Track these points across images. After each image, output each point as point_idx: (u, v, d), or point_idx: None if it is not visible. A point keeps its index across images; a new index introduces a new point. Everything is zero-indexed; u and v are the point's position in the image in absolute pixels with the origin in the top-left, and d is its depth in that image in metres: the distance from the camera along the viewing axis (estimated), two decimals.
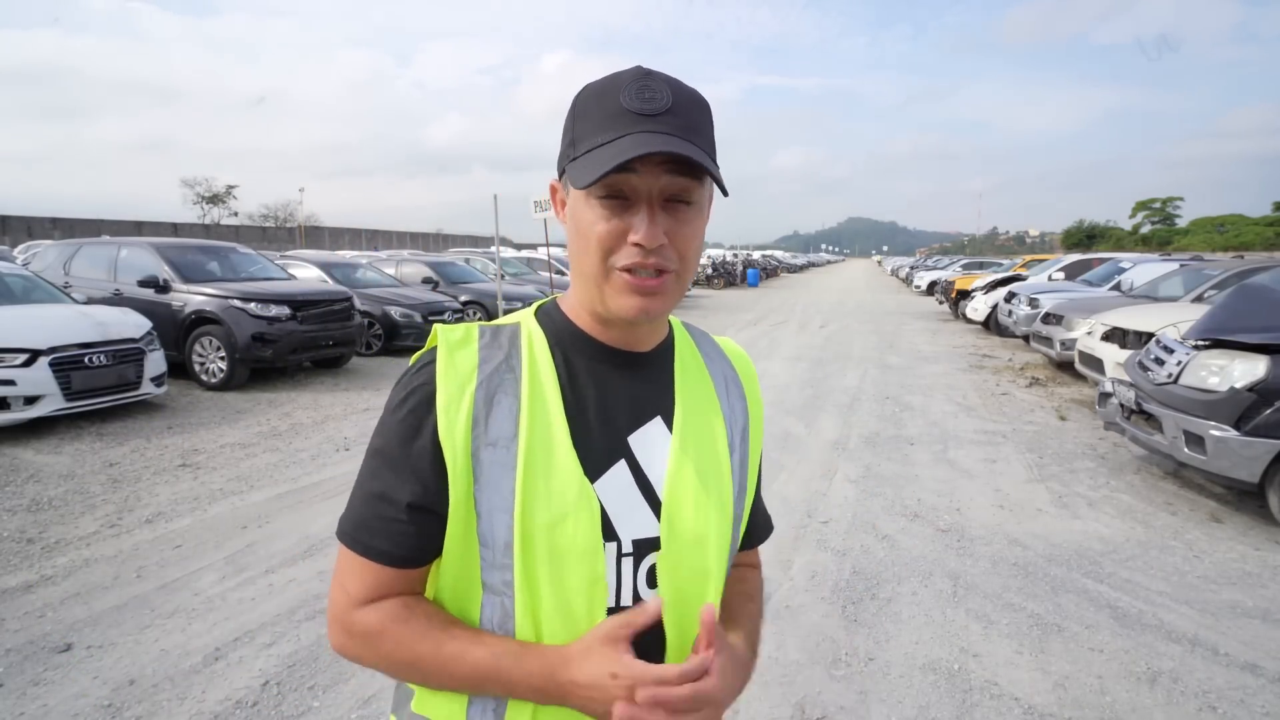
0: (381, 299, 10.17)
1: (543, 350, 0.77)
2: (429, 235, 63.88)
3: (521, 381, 0.74)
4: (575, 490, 0.71)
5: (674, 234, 0.70)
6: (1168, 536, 3.81)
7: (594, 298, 0.73)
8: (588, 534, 0.71)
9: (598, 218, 0.69)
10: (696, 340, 0.89)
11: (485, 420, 0.72)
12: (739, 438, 0.85)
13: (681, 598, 0.76)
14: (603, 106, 0.70)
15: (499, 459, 0.71)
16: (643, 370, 0.80)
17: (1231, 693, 2.46)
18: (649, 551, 0.75)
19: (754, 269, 31.42)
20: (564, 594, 0.71)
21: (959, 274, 19.87)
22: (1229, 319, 4.43)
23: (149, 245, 8.13)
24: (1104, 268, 12.26)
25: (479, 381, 0.73)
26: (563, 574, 0.71)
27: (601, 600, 0.72)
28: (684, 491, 0.76)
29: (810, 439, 5.74)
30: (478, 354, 0.75)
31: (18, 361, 5.29)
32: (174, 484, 4.45)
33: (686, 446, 0.78)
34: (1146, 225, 73.72)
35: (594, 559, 0.72)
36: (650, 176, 0.68)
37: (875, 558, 3.53)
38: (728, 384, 0.87)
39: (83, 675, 2.47)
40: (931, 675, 2.56)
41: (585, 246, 0.71)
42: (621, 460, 0.75)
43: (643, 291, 0.70)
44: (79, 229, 33.52)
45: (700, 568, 0.77)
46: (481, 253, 18.77)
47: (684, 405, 0.80)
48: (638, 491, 0.75)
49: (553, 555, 0.71)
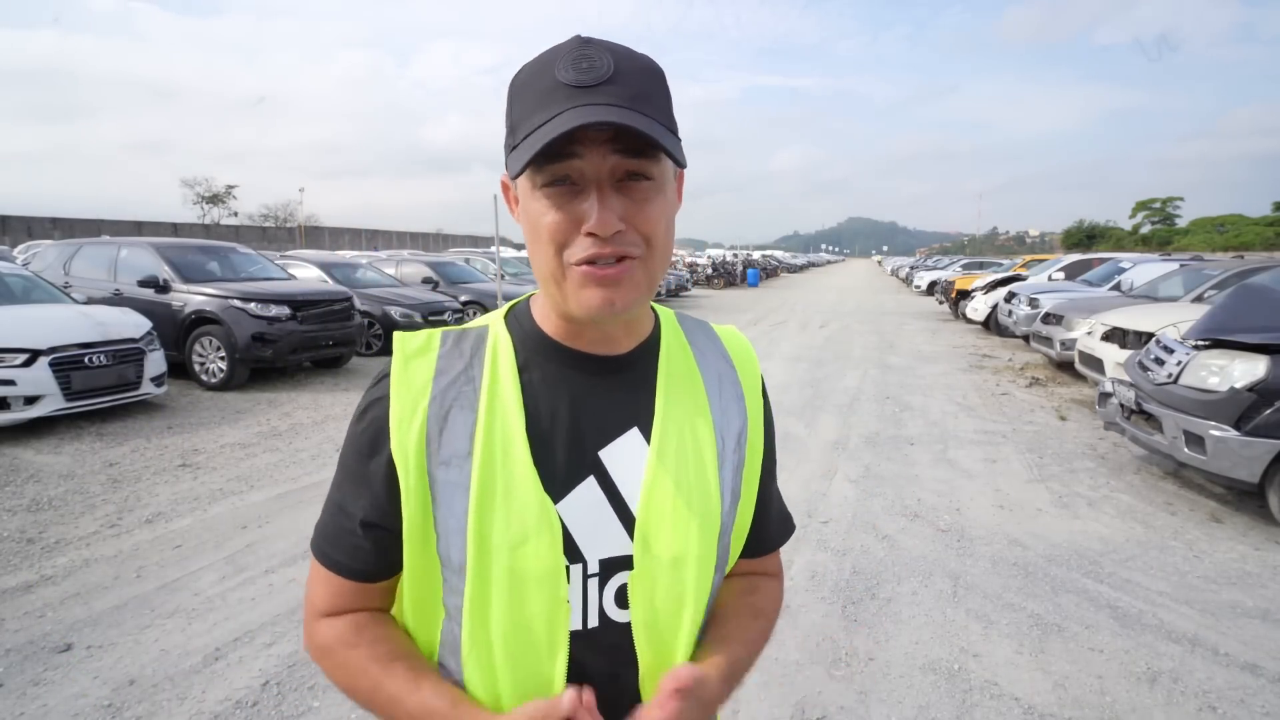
0: (381, 299, 10.17)
1: (507, 358, 0.71)
2: (429, 235, 63.91)
3: (480, 393, 0.69)
4: (535, 511, 0.67)
5: (633, 216, 0.62)
6: (1168, 536, 3.81)
7: (556, 298, 0.67)
8: (548, 557, 0.67)
9: (545, 209, 0.62)
10: (689, 333, 0.81)
11: (439, 437, 0.67)
12: (732, 444, 0.77)
13: (655, 621, 0.71)
14: (538, 84, 0.62)
15: (452, 478, 0.67)
16: (619, 375, 0.73)
17: (1231, 693, 2.46)
18: (618, 570, 0.70)
19: (754, 269, 31.41)
20: (523, 619, 0.67)
21: (959, 274, 19.87)
22: (1229, 319, 4.43)
23: (149, 245, 8.13)
24: (1104, 268, 12.26)
25: (433, 395, 0.69)
26: (522, 598, 0.67)
27: (563, 624, 0.68)
28: (660, 509, 0.70)
29: (810, 439, 5.74)
30: (435, 364, 0.70)
31: (18, 361, 5.29)
32: (174, 484, 4.45)
33: (665, 459, 0.71)
34: (1146, 225, 73.72)
35: (555, 582, 0.67)
36: (596, 156, 0.60)
37: (875, 558, 3.53)
38: (721, 381, 0.78)
39: (83, 675, 2.47)
40: (931, 675, 2.56)
41: (538, 242, 0.64)
42: (590, 477, 0.70)
43: (603, 282, 0.63)
44: (79, 229, 33.53)
45: (676, 590, 0.71)
46: (481, 253, 18.77)
47: (665, 413, 0.73)
48: (609, 508, 0.70)
49: (511, 579, 0.67)
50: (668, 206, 0.66)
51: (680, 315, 0.84)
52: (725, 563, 0.78)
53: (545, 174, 0.61)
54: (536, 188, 0.63)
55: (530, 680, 0.68)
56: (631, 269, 0.64)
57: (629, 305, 0.64)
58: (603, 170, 0.61)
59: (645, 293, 0.66)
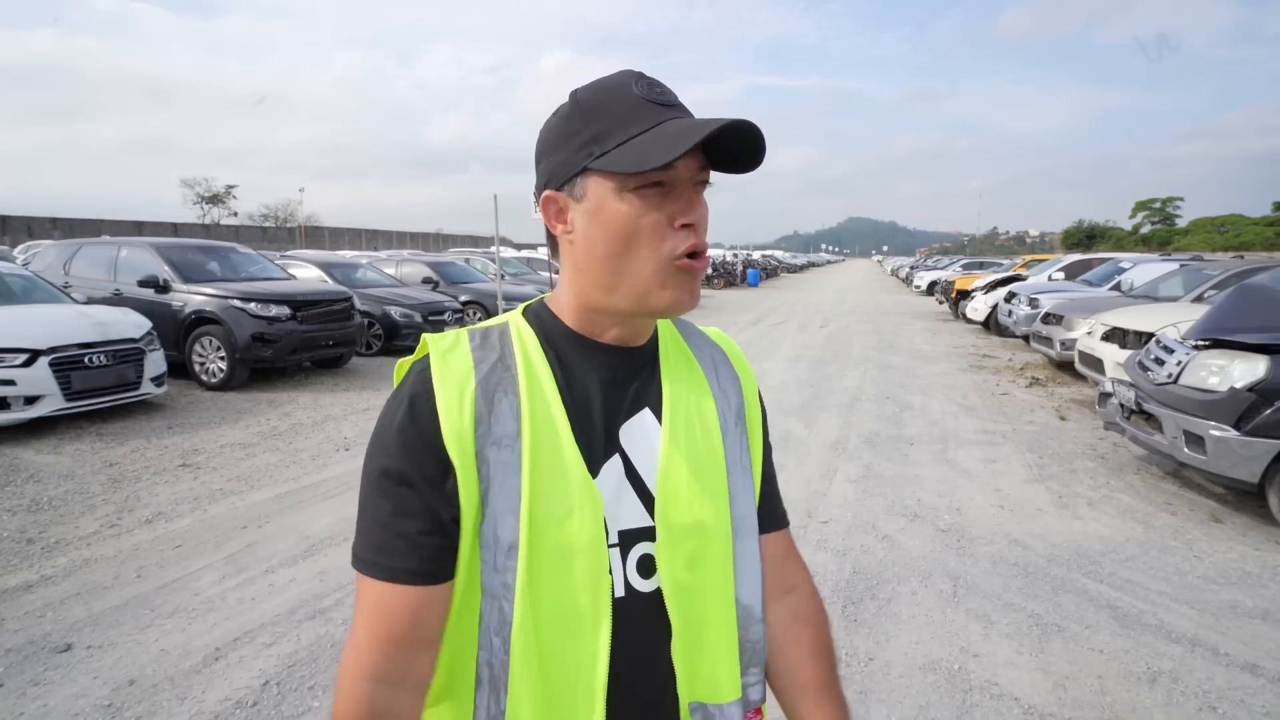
0: (381, 299, 10.18)
1: (535, 347, 0.76)
2: (429, 235, 63.90)
3: (519, 378, 0.73)
4: (580, 486, 0.71)
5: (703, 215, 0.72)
6: (1168, 536, 3.81)
7: (636, 298, 0.72)
8: (591, 529, 0.71)
9: (645, 209, 0.69)
10: (680, 328, 0.89)
11: (489, 420, 0.70)
12: (734, 418, 0.84)
13: (682, 587, 0.75)
14: (620, 98, 0.70)
15: (504, 459, 0.70)
16: (632, 364, 0.79)
17: (1231, 693, 2.46)
18: (637, 541, 0.75)
19: (754, 269, 31.41)
20: (569, 593, 0.71)
21: (959, 274, 19.87)
22: (1229, 319, 4.43)
23: (149, 245, 8.13)
24: (1104, 268, 12.26)
25: (477, 380, 0.71)
26: (569, 572, 0.70)
27: (606, 594, 0.72)
28: (677, 481, 0.76)
29: (810, 439, 5.74)
30: (471, 354, 0.73)
31: (18, 361, 5.29)
32: (174, 484, 4.45)
33: (676, 435, 0.77)
34: (1146, 225, 73.71)
35: (598, 554, 0.71)
36: (688, 163, 0.69)
37: (875, 558, 3.53)
38: (716, 366, 0.86)
39: (83, 675, 2.47)
40: (931, 675, 2.56)
41: (636, 242, 0.70)
42: (616, 454, 0.75)
43: (693, 276, 0.72)
44: (79, 229, 33.53)
45: (699, 555, 0.76)
46: (481, 253, 18.78)
47: (672, 393, 0.79)
48: (628, 484, 0.75)
49: (560, 553, 0.70)
50: None
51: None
52: (748, 532, 0.83)
53: (640, 178, 0.67)
54: (626, 190, 0.68)
55: (576, 652, 0.71)
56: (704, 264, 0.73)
57: (699, 297, 0.74)
58: (690, 178, 0.70)
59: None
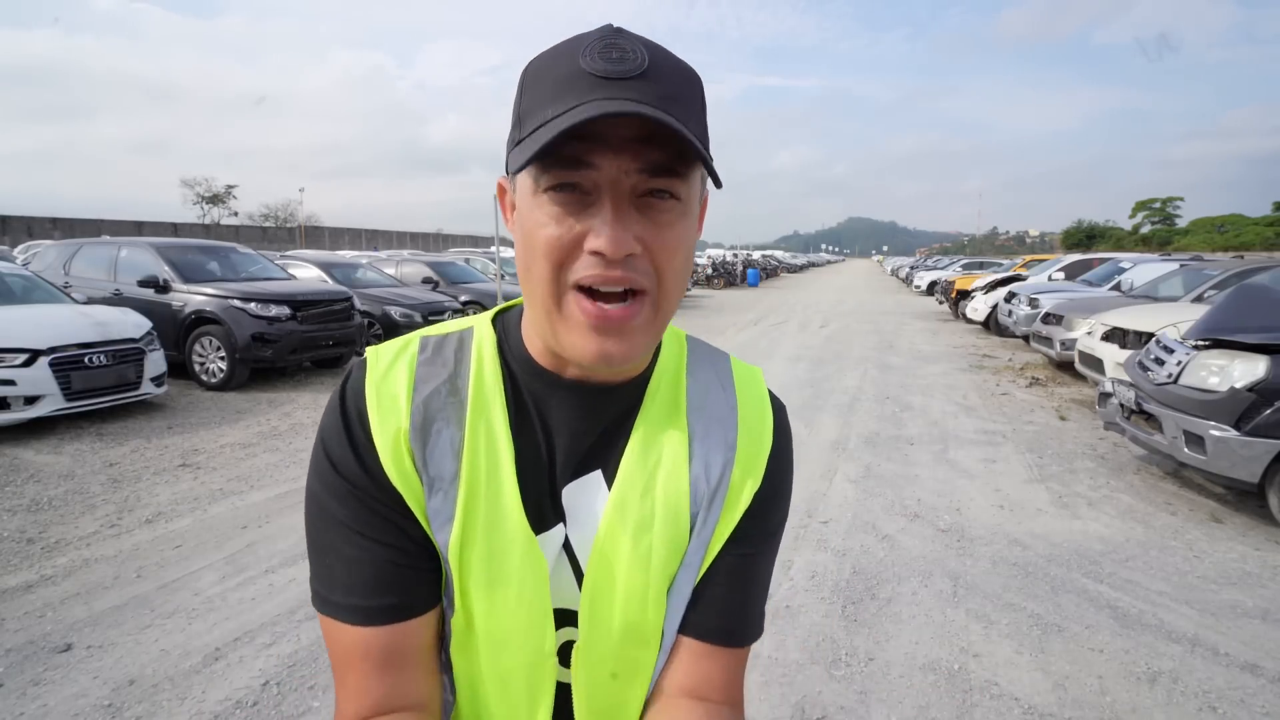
0: (381, 299, 10.17)
1: (492, 368, 0.62)
2: (429, 235, 63.90)
3: (467, 406, 0.60)
4: (520, 550, 0.59)
5: (650, 240, 0.52)
6: (1168, 536, 3.81)
7: (544, 329, 0.57)
8: (532, 605, 0.60)
9: (547, 219, 0.52)
10: (693, 368, 0.68)
11: (423, 449, 0.59)
12: (707, 499, 0.63)
13: (595, 694, 0.63)
14: (556, 71, 0.52)
15: (436, 506, 0.59)
16: (600, 409, 0.63)
17: (1231, 693, 2.46)
18: (564, 624, 0.63)
19: (754, 269, 31.41)
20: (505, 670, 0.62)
21: (959, 274, 19.88)
22: (1229, 319, 4.43)
23: (149, 245, 8.13)
24: (1104, 268, 12.26)
25: (415, 404, 0.59)
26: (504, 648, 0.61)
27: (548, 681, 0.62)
28: (611, 569, 0.61)
29: (810, 439, 5.74)
30: (415, 372, 0.61)
31: (18, 361, 5.29)
32: (174, 484, 4.45)
33: (625, 510, 0.61)
34: (1146, 225, 73.72)
35: (539, 641, 0.60)
36: (616, 163, 0.51)
37: (875, 558, 3.53)
38: (710, 425, 0.65)
39: (83, 675, 2.47)
40: (931, 675, 2.56)
41: (531, 258, 0.54)
42: (560, 521, 0.62)
43: (603, 328, 0.53)
44: (79, 229, 33.52)
45: (625, 665, 0.63)
46: (481, 253, 18.77)
47: (633, 455, 0.62)
48: (564, 556, 0.62)
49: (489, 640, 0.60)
50: (691, 233, 0.56)
51: (693, 342, 0.72)
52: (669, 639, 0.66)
53: (551, 176, 0.52)
54: (539, 191, 0.53)
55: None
56: (638, 311, 0.54)
57: (629, 358, 0.55)
58: (622, 182, 0.51)
59: (650, 340, 0.57)
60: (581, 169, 0.51)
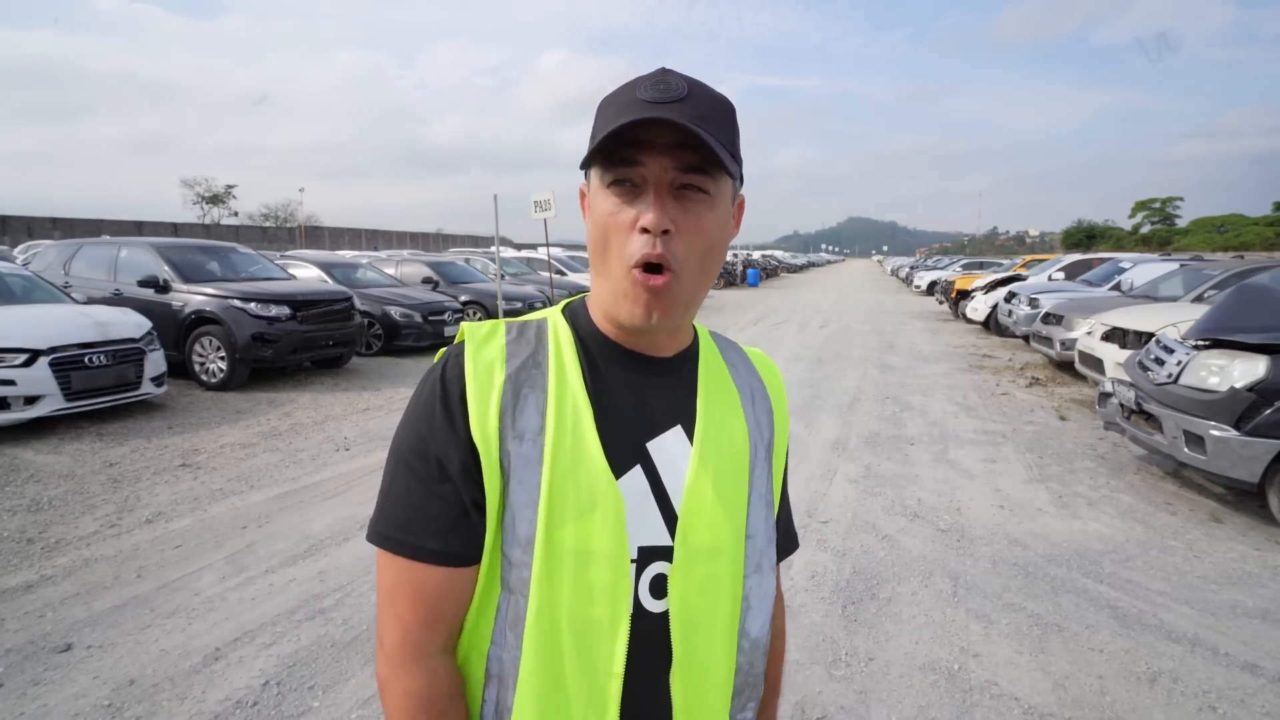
0: (381, 299, 10.17)
1: (569, 347, 0.76)
2: (429, 235, 63.91)
3: (548, 376, 0.73)
4: (603, 486, 0.70)
5: (682, 222, 0.68)
6: (1168, 536, 3.81)
7: (608, 302, 0.73)
8: (614, 533, 0.70)
9: (611, 207, 0.69)
10: (722, 349, 0.87)
11: (513, 413, 0.70)
12: (764, 450, 0.82)
13: (690, 613, 0.73)
14: (619, 100, 0.70)
15: (526, 452, 0.70)
16: (664, 376, 0.78)
17: (1231, 693, 2.46)
18: (654, 560, 0.73)
19: (754, 269, 31.40)
20: (587, 596, 0.69)
21: (959, 274, 19.88)
22: (1229, 319, 4.43)
23: (149, 245, 8.13)
24: (1104, 268, 12.26)
25: (507, 375, 0.72)
26: (587, 575, 0.69)
27: (626, 603, 0.70)
28: (701, 504, 0.74)
29: (810, 439, 5.74)
30: (505, 349, 0.74)
31: (18, 361, 5.29)
32: (174, 484, 4.45)
33: (706, 457, 0.75)
34: (1146, 225, 73.71)
35: (620, 560, 0.70)
36: (659, 162, 0.67)
37: (875, 558, 3.53)
38: (754, 396, 0.84)
39: (83, 675, 2.47)
40: (931, 675, 2.56)
41: (600, 238, 0.70)
42: (638, 466, 0.73)
43: (650, 290, 0.69)
44: (79, 229, 33.53)
45: (711, 583, 0.75)
46: (481, 253, 18.77)
47: (706, 415, 0.77)
48: (652, 499, 0.73)
49: (578, 554, 0.69)
50: (719, 224, 0.71)
51: (713, 333, 0.89)
52: (766, 568, 0.82)
53: (612, 173, 0.68)
54: (604, 185, 0.70)
55: (591, 658, 0.70)
56: (670, 284, 0.69)
57: (668, 316, 0.70)
58: (662, 178, 0.67)
59: (684, 309, 0.72)
60: (633, 167, 0.67)
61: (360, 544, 3.57)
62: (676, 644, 0.73)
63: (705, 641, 0.74)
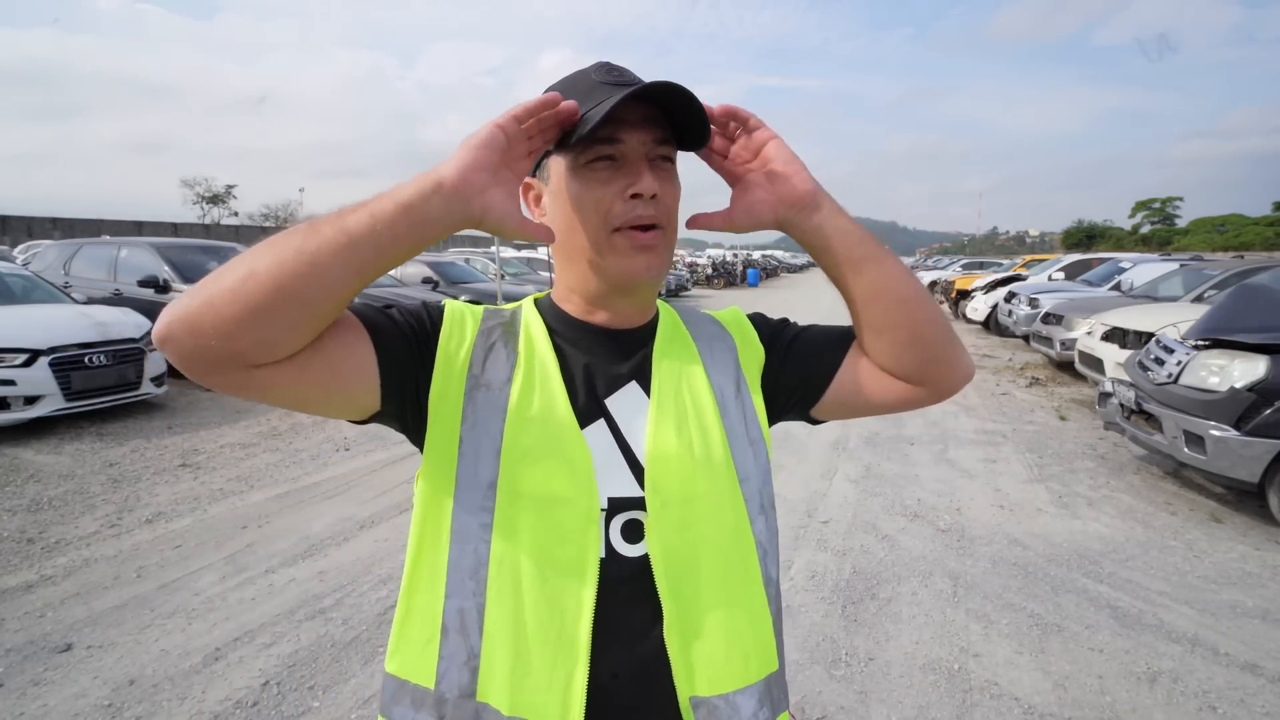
0: (381, 299, 10.18)
1: (538, 325, 0.81)
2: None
3: (519, 339, 0.79)
4: (570, 436, 0.73)
5: (662, 190, 0.73)
6: (1168, 536, 3.81)
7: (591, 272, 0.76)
8: (583, 478, 0.72)
9: (594, 182, 0.72)
10: (683, 315, 0.90)
11: (482, 363, 0.75)
12: (732, 391, 0.83)
13: (672, 558, 0.74)
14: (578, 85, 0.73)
15: (491, 400, 0.74)
16: (625, 345, 0.82)
17: (1231, 693, 2.46)
18: (625, 509, 0.74)
19: (754, 269, 31.41)
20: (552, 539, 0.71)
21: (959, 274, 19.88)
22: (1229, 319, 4.43)
23: (149, 245, 8.13)
24: (1104, 268, 12.26)
25: (480, 330, 0.78)
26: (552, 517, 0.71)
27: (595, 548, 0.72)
28: (666, 452, 0.75)
29: (810, 439, 5.74)
30: (481, 317, 0.81)
31: (18, 361, 5.29)
32: (174, 484, 4.45)
33: (664, 406, 0.78)
34: (1146, 225, 73.69)
35: (589, 505, 0.72)
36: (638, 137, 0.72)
37: (875, 558, 3.53)
38: (712, 344, 0.86)
39: (83, 675, 2.47)
40: (931, 675, 2.56)
41: (583, 217, 0.73)
42: (601, 420, 0.76)
43: (645, 246, 0.73)
44: (79, 229, 33.49)
45: (690, 527, 0.75)
46: (481, 253, 18.76)
47: (661, 368, 0.80)
48: (618, 451, 0.76)
49: (544, 498, 0.71)
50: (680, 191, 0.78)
51: (677, 305, 0.94)
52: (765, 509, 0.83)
53: (591, 153, 0.71)
54: (579, 167, 0.73)
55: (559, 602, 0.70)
56: (659, 238, 0.74)
57: (660, 271, 0.75)
58: (640, 151, 0.72)
59: (665, 264, 0.76)
60: (615, 144, 0.71)
61: (360, 544, 3.57)
62: (665, 596, 0.73)
63: (694, 590, 0.74)
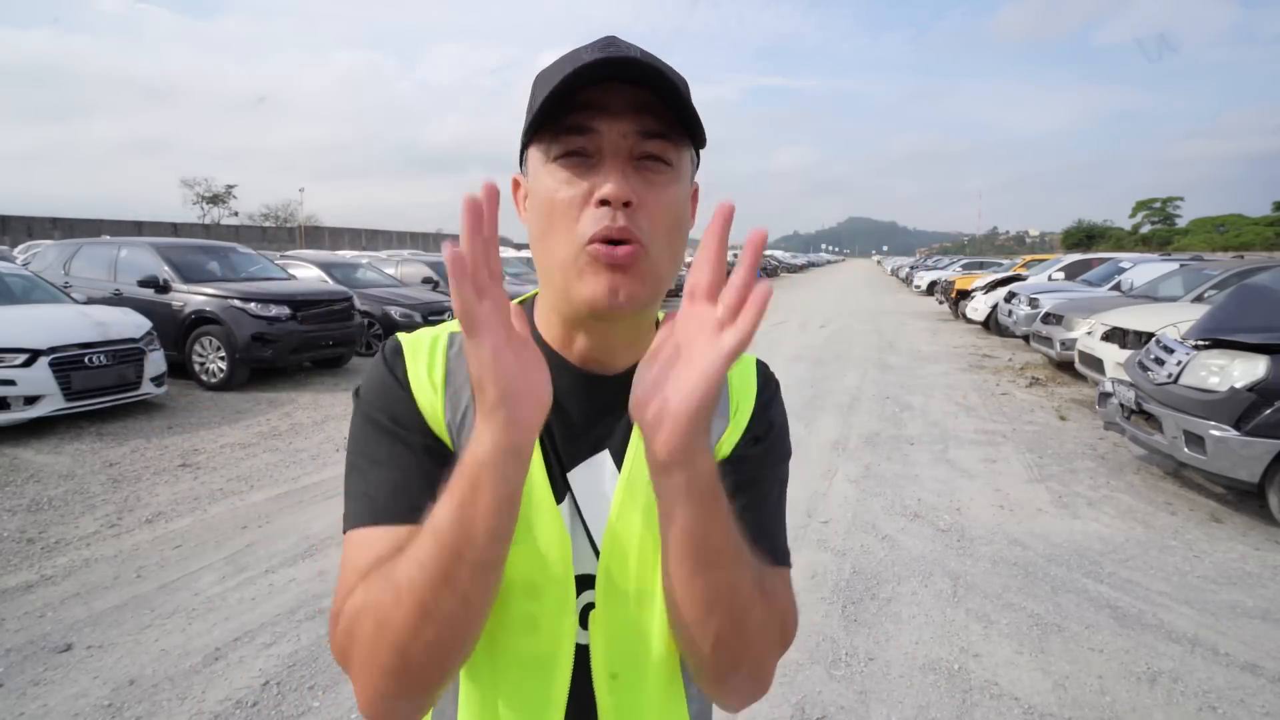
0: (381, 299, 10.17)
1: None
2: (429, 235, 63.90)
3: None
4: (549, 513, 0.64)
5: (645, 196, 0.58)
6: (1168, 536, 3.81)
7: (560, 292, 0.61)
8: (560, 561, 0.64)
9: (560, 182, 0.58)
10: None
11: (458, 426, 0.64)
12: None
13: (614, 655, 0.66)
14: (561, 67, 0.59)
15: None
16: (604, 396, 0.67)
17: (1231, 693, 2.46)
18: (584, 589, 0.66)
19: None
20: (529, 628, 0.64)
21: (959, 274, 19.87)
22: (1229, 319, 4.43)
23: (149, 245, 8.13)
24: (1104, 268, 12.26)
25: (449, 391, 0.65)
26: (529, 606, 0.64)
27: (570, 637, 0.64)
28: (627, 541, 0.65)
29: (810, 439, 5.74)
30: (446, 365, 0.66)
31: (18, 361, 5.29)
32: (174, 484, 4.45)
33: (634, 487, 0.65)
34: (1146, 225, 73.70)
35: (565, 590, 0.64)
36: (616, 127, 0.57)
37: (875, 558, 3.53)
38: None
39: (83, 675, 2.47)
40: (931, 675, 2.56)
41: (550, 222, 0.59)
42: (567, 496, 0.66)
43: (612, 265, 0.57)
44: (79, 229, 33.51)
45: (638, 628, 0.66)
46: None
47: (637, 441, 0.66)
48: (580, 527, 0.66)
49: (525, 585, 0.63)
50: (683, 201, 0.62)
51: None
52: None
53: (560, 145, 0.58)
54: (549, 160, 0.59)
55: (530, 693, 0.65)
56: (639, 255, 0.58)
57: (634, 297, 0.58)
58: (620, 145, 0.58)
59: (652, 289, 0.61)
60: (586, 134, 0.58)
61: None
62: (599, 688, 0.66)
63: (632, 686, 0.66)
